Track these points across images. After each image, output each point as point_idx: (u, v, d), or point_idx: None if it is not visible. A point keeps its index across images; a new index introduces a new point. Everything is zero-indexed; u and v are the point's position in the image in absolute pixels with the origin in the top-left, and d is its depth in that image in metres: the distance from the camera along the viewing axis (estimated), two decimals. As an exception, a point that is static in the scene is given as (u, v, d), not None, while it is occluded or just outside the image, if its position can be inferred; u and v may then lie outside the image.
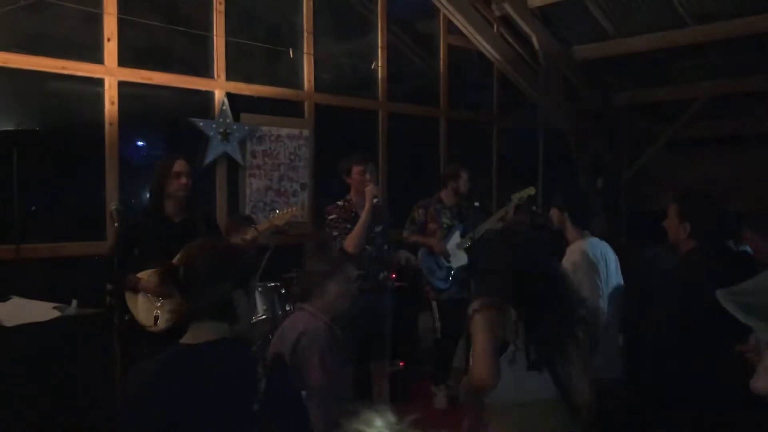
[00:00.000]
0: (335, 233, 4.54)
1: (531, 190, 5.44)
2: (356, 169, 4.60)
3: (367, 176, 4.60)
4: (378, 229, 4.66)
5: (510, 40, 7.35)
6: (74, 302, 3.16)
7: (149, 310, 3.56)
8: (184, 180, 3.73)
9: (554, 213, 3.62)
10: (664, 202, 3.34)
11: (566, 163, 7.90)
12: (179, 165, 3.77)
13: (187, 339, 1.85)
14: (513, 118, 7.77)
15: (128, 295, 3.61)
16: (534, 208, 5.88)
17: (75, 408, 3.01)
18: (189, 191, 3.79)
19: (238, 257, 1.94)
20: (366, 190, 4.51)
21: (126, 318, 3.56)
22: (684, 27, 6.47)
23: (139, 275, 3.59)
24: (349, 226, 4.52)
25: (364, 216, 4.48)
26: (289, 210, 4.30)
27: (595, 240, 3.53)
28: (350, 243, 4.42)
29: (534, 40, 7.03)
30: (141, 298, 3.58)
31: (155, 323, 3.50)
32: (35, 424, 2.90)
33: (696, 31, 6.41)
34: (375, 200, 4.54)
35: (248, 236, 3.97)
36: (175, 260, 1.91)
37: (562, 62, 7.34)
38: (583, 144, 7.74)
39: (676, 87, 7.49)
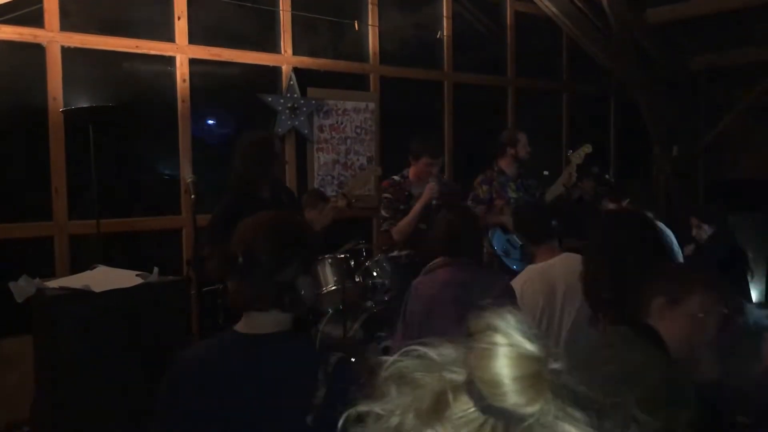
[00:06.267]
0: (386, 214, 4.48)
1: (588, 148, 5.07)
2: (426, 161, 4.50)
3: (434, 170, 4.50)
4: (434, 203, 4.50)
5: (579, 4, 7.12)
6: (156, 270, 3.27)
7: None
8: (286, 159, 3.70)
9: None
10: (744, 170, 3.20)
11: (639, 131, 7.66)
12: (279, 145, 3.74)
13: (243, 327, 1.67)
14: (583, 85, 7.57)
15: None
16: (607, 176, 5.70)
17: (158, 365, 3.16)
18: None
19: (303, 238, 1.72)
20: (428, 186, 4.40)
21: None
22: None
23: None
24: (402, 207, 4.43)
25: (417, 207, 4.38)
26: (369, 169, 4.22)
27: None
28: (398, 232, 4.38)
29: (604, 3, 6.80)
30: None
31: None
32: (123, 378, 3.04)
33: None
34: (435, 202, 4.42)
35: (340, 204, 3.91)
36: (234, 238, 1.70)
37: (634, 26, 7.06)
38: (657, 111, 7.46)
39: (757, 49, 7.11)
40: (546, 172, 5.33)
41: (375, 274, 5.01)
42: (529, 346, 0.62)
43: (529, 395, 0.60)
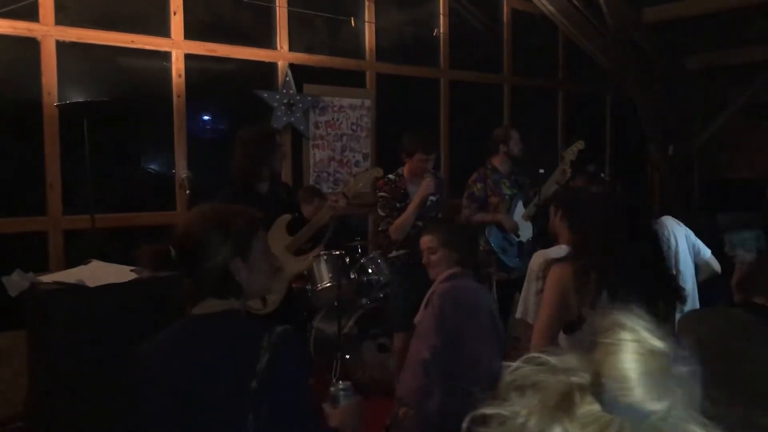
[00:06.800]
0: (383, 213, 4.44)
1: (580, 144, 5.03)
2: (420, 157, 4.42)
3: (429, 166, 4.44)
4: (433, 198, 4.49)
5: (576, 2, 7.13)
6: (150, 265, 3.27)
7: None
8: (286, 152, 3.66)
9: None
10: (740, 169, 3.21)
11: (635, 130, 7.67)
12: (280, 138, 3.72)
13: (196, 309, 1.74)
14: (579, 84, 7.57)
15: None
16: (602, 175, 5.68)
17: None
18: None
19: (229, 224, 1.72)
20: (424, 182, 4.34)
21: None
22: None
23: None
24: (398, 205, 4.38)
25: (415, 203, 4.33)
26: (369, 170, 4.22)
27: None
28: (395, 230, 4.34)
29: (601, 1, 6.80)
30: None
31: (264, 305, 3.25)
32: (116, 373, 3.01)
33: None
34: (432, 197, 4.42)
35: (339, 203, 3.86)
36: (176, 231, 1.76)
37: (631, 25, 7.07)
38: (653, 110, 7.48)
39: (752, 48, 7.13)
40: (542, 170, 5.28)
41: (370, 271, 5.03)
42: (657, 343, 0.62)
43: (657, 391, 0.60)
